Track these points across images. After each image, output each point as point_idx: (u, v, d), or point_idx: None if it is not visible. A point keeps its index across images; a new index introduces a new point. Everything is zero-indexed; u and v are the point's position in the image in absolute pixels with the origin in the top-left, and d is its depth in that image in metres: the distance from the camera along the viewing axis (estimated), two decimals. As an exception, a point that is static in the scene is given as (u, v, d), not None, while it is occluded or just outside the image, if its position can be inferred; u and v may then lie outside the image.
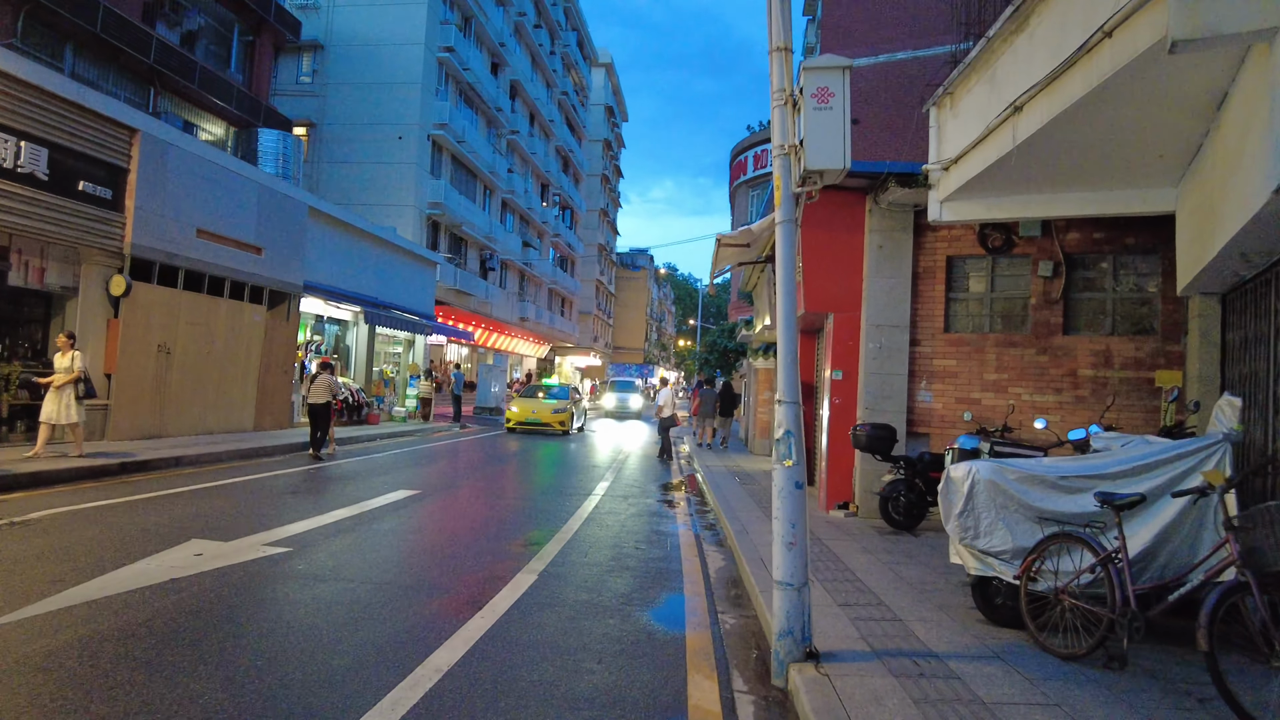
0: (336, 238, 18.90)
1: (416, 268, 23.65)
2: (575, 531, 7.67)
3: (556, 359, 62.88)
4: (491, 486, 10.79)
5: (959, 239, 8.61)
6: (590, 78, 60.99)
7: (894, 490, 7.80)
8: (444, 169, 31.82)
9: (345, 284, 19.11)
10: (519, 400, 22.05)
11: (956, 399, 8.49)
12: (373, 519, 7.76)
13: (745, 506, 9.21)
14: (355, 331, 20.51)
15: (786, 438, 4.14)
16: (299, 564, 5.81)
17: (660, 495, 10.82)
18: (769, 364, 16.65)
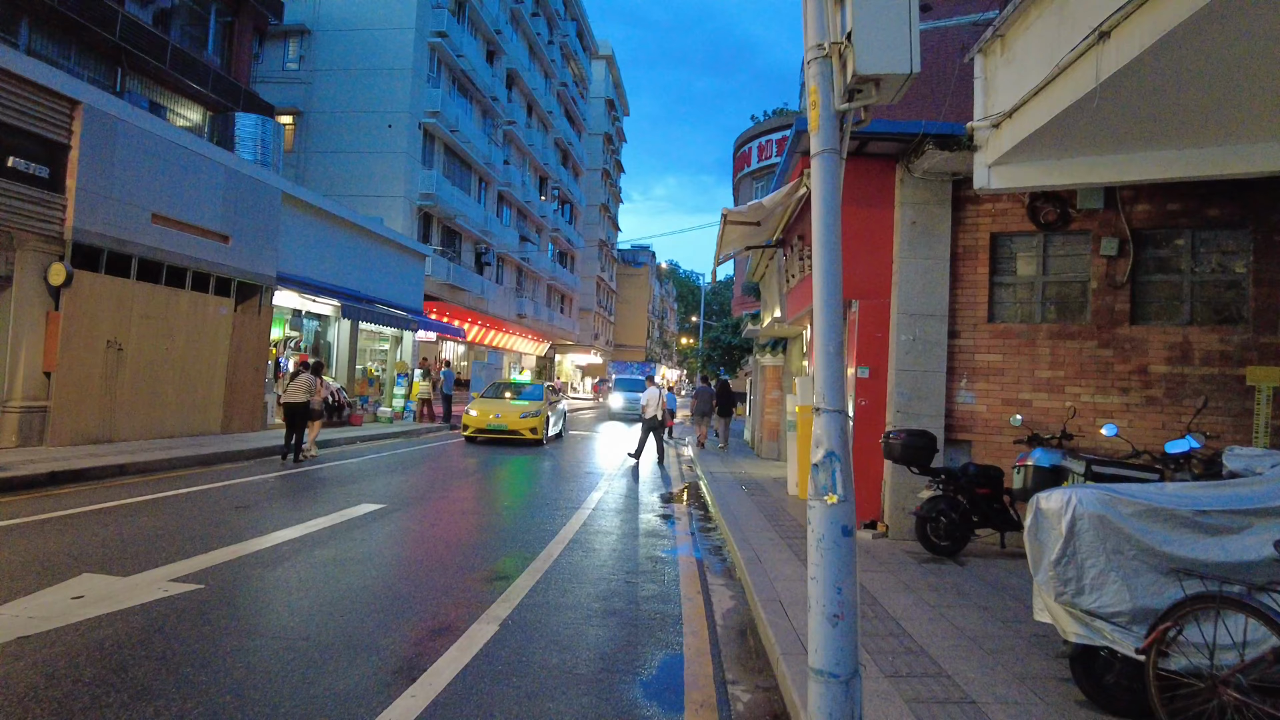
0: (315, 227, 17.71)
1: (404, 260, 22.46)
2: (556, 558, 6.46)
3: (557, 357, 61.71)
4: (470, 498, 9.60)
5: (1005, 213, 7.39)
6: (590, 70, 59.73)
7: (934, 509, 6.59)
8: (436, 159, 30.62)
9: (324, 276, 17.93)
10: (479, 402, 17.96)
11: (1003, 400, 7.27)
12: (319, 543, 6.57)
13: (755, 524, 8.00)
14: (337, 327, 19.33)
15: (829, 462, 2.96)
16: (202, 610, 4.62)
17: (659, 509, 9.62)
18: (777, 361, 15.44)
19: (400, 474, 11.30)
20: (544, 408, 17.28)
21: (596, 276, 62.36)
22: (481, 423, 16.79)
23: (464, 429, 17.07)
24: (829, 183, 3.10)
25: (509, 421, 16.66)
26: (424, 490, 9.86)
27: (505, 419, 16.70)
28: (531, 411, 16.95)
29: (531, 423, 16.73)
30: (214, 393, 14.35)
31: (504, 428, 16.62)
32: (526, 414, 16.82)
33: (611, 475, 12.54)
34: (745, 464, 14.50)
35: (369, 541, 6.78)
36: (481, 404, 17.55)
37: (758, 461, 15.08)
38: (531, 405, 17.31)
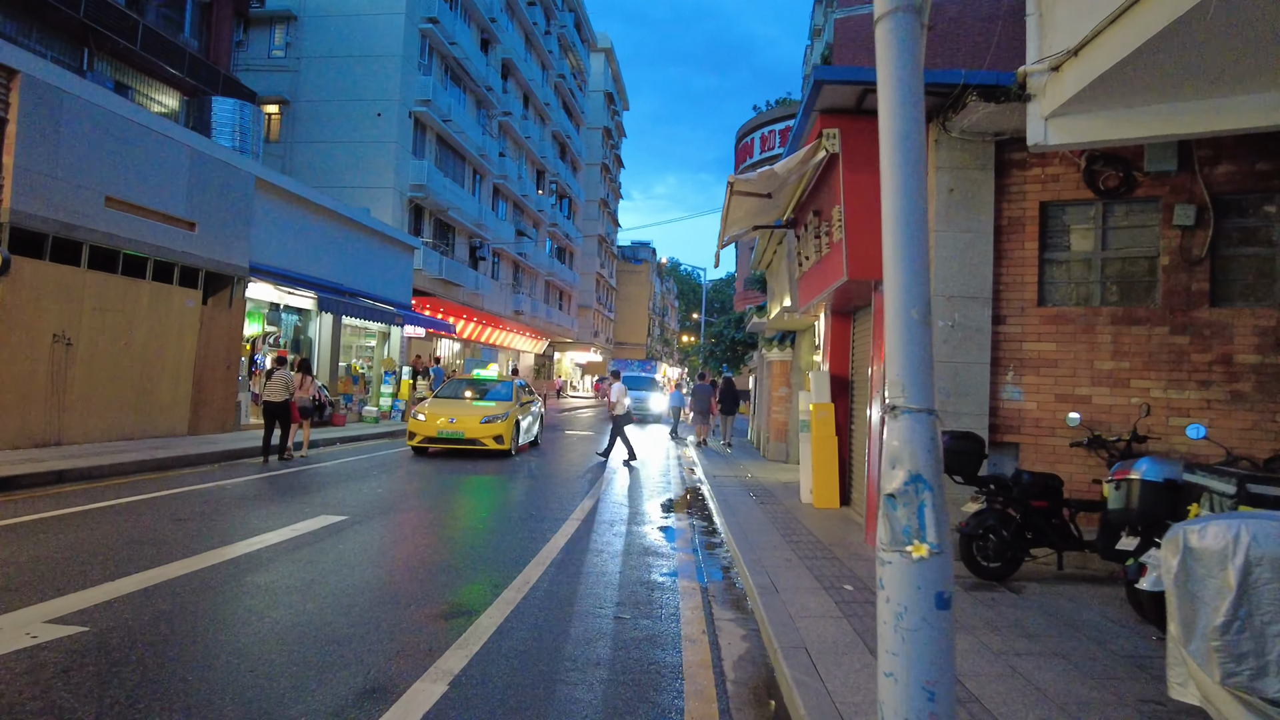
0: (293, 215, 16.69)
1: (392, 253, 21.44)
2: (532, 584, 5.44)
3: (556, 355, 60.71)
4: (444, 510, 8.57)
5: (1057, 179, 6.35)
6: (589, 62, 58.69)
7: (982, 525, 5.56)
8: (428, 149, 29.59)
9: (303, 267, 16.91)
10: (433, 403, 14.31)
11: (1056, 396, 6.24)
12: (256, 565, 5.55)
13: (767, 540, 6.97)
14: (318, 322, 18.31)
15: (914, 491, 1.96)
16: (69, 665, 3.60)
17: (657, 519, 8.59)
18: (784, 355, 14.41)
19: (373, 480, 10.28)
20: (513, 410, 14.09)
21: (596, 273, 61.33)
22: (431, 429, 13.26)
23: (409, 438, 13.61)
24: (905, 60, 2.04)
25: (467, 427, 13.23)
26: (395, 499, 8.83)
27: (462, 424, 13.27)
28: (496, 415, 13.59)
29: (495, 429, 13.34)
30: (180, 391, 13.33)
31: (460, 436, 13.22)
32: (490, 418, 13.45)
33: (606, 480, 11.52)
34: (751, 466, 13.47)
35: (316, 564, 5.76)
36: (435, 406, 14.02)
37: (764, 464, 14.05)
38: (497, 407, 14.04)
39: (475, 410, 13.84)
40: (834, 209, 6.98)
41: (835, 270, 7.09)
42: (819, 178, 7.77)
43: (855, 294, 7.78)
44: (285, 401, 11.58)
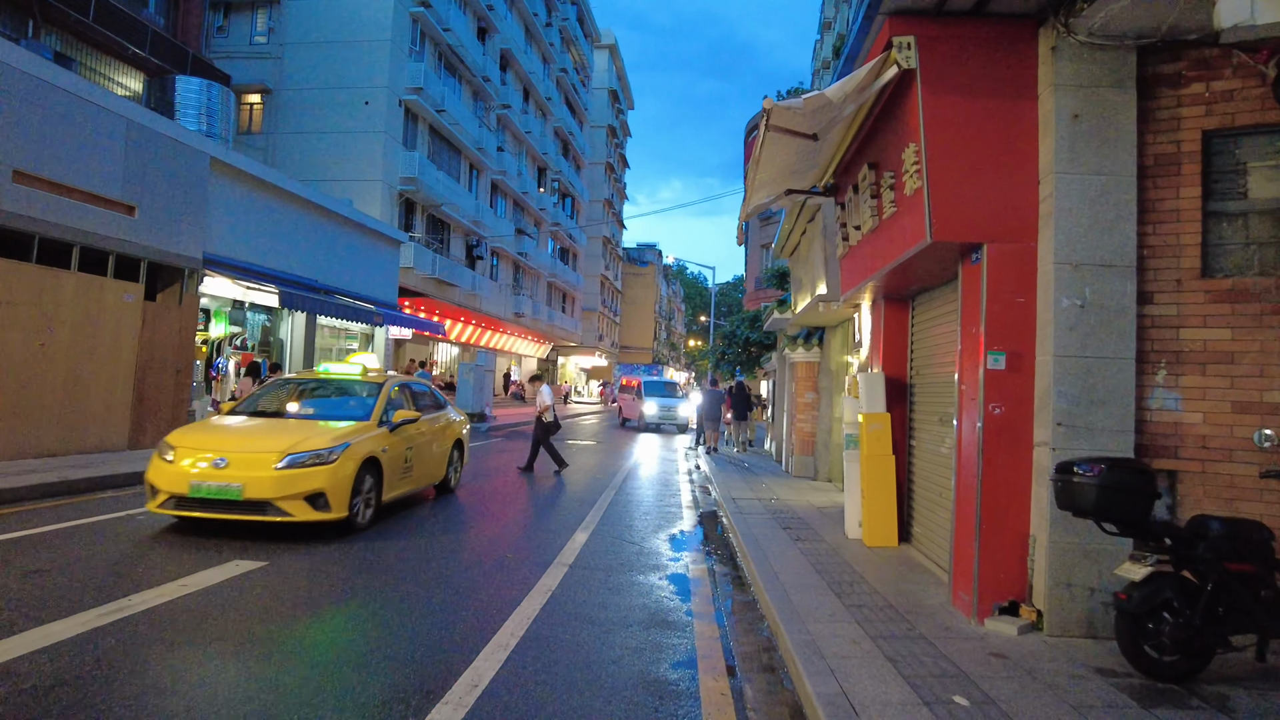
0: (259, 203, 14.96)
1: (375, 248, 19.70)
2: (482, 692, 3.62)
3: (560, 359, 58.96)
4: (396, 547, 6.77)
5: (1230, 96, 4.51)
6: (592, 58, 57.08)
7: (1155, 598, 3.72)
8: (420, 140, 27.90)
9: (270, 261, 15.17)
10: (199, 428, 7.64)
11: (1234, 404, 4.39)
12: (95, 650, 3.75)
13: (818, 604, 5.14)
14: (289, 323, 16.59)
15: None
16: None
17: (665, 564, 6.76)
18: (811, 355, 12.57)
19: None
20: (370, 439, 7.34)
21: (600, 275, 59.61)
22: (178, 483, 6.46)
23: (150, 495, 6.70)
24: None
25: (248, 479, 6.42)
26: (338, 533, 7.03)
27: (236, 473, 6.46)
28: (319, 452, 6.72)
29: (314, 481, 6.54)
30: (116, 400, 11.59)
31: (232, 496, 6.37)
32: (304, 458, 6.62)
33: (605, 502, 9.70)
34: (774, 485, 11.62)
35: (179, 648, 3.95)
36: (200, 435, 7.18)
37: (789, 481, 12.19)
38: (332, 435, 7.10)
39: (272, 443, 6.82)
40: (904, 151, 5.15)
41: (907, 234, 5.26)
42: (875, 120, 5.95)
43: (922, 271, 5.94)
44: None
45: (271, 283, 13.96)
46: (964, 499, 5.00)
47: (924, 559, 6.53)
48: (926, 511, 6.65)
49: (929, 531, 6.57)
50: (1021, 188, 4.75)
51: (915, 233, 5.03)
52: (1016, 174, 4.75)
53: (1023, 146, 4.75)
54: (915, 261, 5.45)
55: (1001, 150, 4.77)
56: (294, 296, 14.04)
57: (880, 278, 6.32)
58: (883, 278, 6.31)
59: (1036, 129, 4.74)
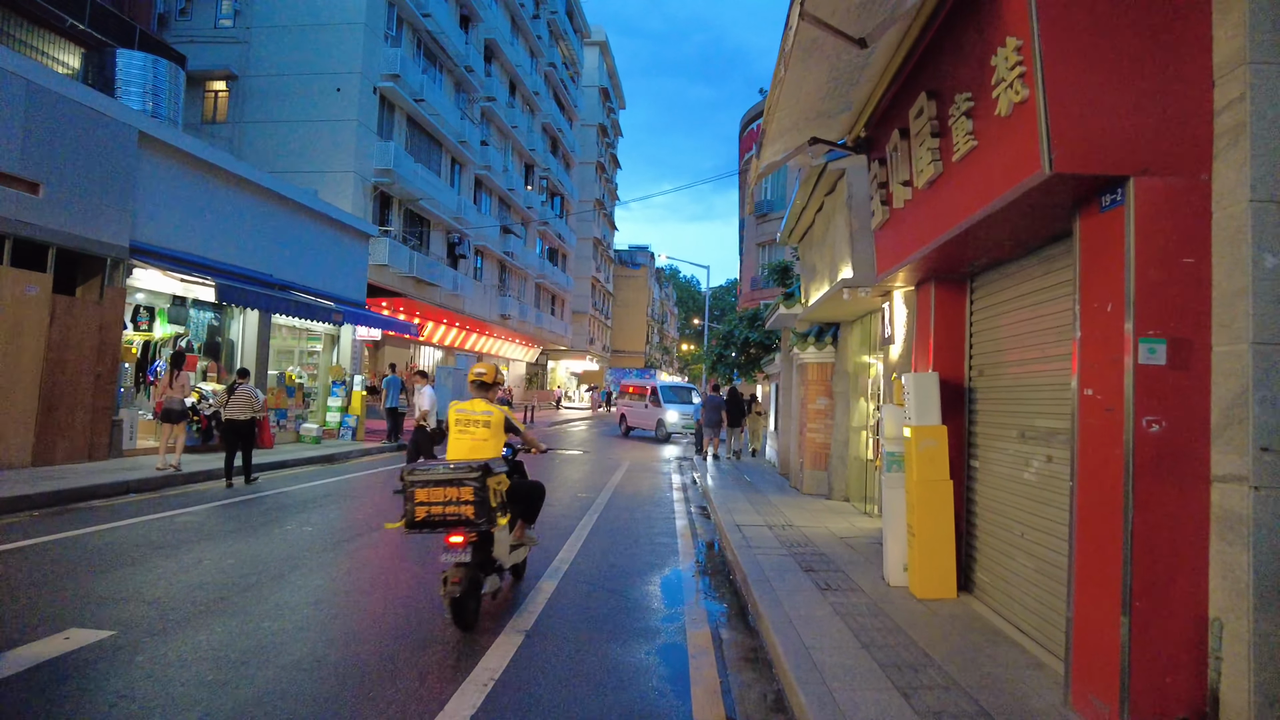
0: (202, 187, 13.31)
1: (342, 241, 18.06)
2: None
3: (550, 364, 57.31)
4: (298, 610, 5.16)
5: None
6: (582, 54, 55.59)
7: None
8: (397, 130, 26.29)
9: (216, 252, 13.52)
10: None
11: None
12: None
13: (876, 705, 3.55)
14: (241, 321, 14.93)
15: None
16: None
17: (658, 622, 5.17)
18: (823, 355, 11.00)
19: (236, 541, 6.86)
20: None
21: (591, 277, 58.00)
22: None
23: None
24: None
25: None
26: (229, 588, 5.41)
27: None
28: None
29: None
30: (17, 408, 9.93)
31: None
32: None
33: (586, 529, 8.09)
34: (783, 505, 10.03)
35: None
36: None
37: (799, 501, 10.61)
38: None
39: None
40: (993, 57, 3.59)
41: (997, 174, 3.69)
42: (934, 33, 4.39)
43: (1007, 232, 4.36)
44: (250, 420, 10.50)
45: (207, 274, 12.28)
46: (1092, 557, 3.42)
47: (995, 617, 4.95)
48: (998, 555, 5.07)
49: (1001, 581, 4.99)
50: (1185, 94, 3.18)
51: (1017, 167, 3.46)
52: (1177, 73, 3.19)
53: (1187, 30, 3.19)
54: (1005, 215, 3.88)
55: (1154, 37, 3.21)
56: (234, 290, 12.34)
57: (938, 247, 4.75)
58: (942, 247, 4.74)
59: (1208, 10, 3.18)
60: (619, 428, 26.52)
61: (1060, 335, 4.29)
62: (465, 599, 4.54)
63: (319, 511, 8.66)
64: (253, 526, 7.59)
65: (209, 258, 13.28)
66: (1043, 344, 4.52)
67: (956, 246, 4.70)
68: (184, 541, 6.77)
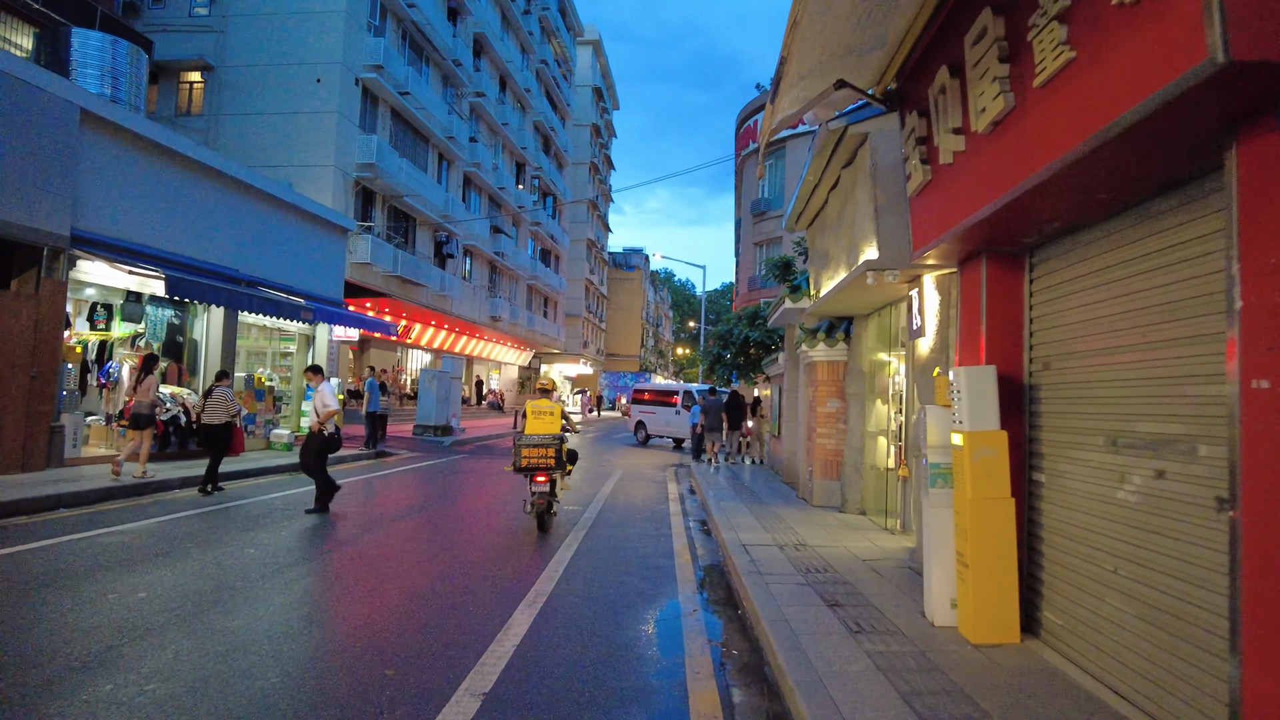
0: (159, 174, 12.27)
1: (317, 236, 17.02)
2: None
3: (542, 367, 56.28)
4: (206, 653, 4.12)
5: None
6: (575, 53, 54.69)
7: None
8: (381, 124, 25.27)
9: (174, 244, 12.48)
10: None
11: None
12: None
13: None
14: (205, 319, 13.87)
15: None
16: None
17: (652, 680, 4.16)
18: (834, 352, 10.01)
19: (158, 568, 5.82)
20: None
21: (585, 279, 57.01)
22: None
23: None
24: None
25: None
26: (126, 633, 4.37)
27: None
28: None
29: None
30: (-65, 414, 8.87)
31: None
32: None
33: (570, 551, 7.07)
34: (792, 520, 9.03)
35: None
36: None
37: (810, 515, 9.60)
38: None
39: None
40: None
41: (1126, 82, 2.69)
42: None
43: (1104, 176, 3.37)
44: (227, 424, 10.23)
45: (158, 266, 11.20)
46: (1274, 612, 2.42)
47: (1077, 672, 3.95)
48: (1077, 593, 4.08)
49: (1082, 626, 3.99)
50: None
51: (1154, 68, 2.47)
52: None
53: None
54: (1116, 149, 2.89)
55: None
56: (187, 284, 11.25)
57: (1004, 206, 3.75)
58: (1009, 206, 3.74)
59: None
60: (635, 436, 24.71)
61: (1171, 314, 3.31)
62: (544, 514, 7.91)
63: (269, 530, 7.62)
64: (184, 549, 6.55)
65: (166, 250, 12.24)
66: (1141, 326, 3.53)
67: (1028, 205, 3.71)
68: (96, 568, 5.73)
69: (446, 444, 19.91)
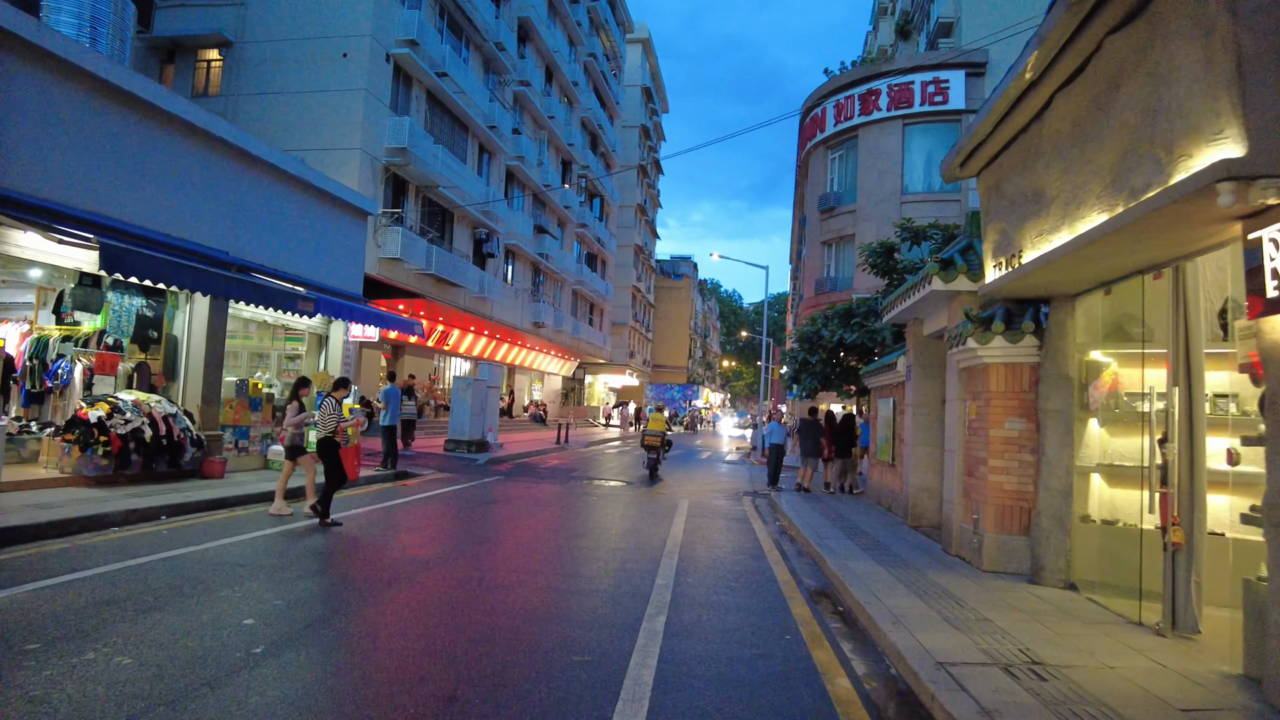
0: (120, 129, 9.86)
1: (331, 218, 14.55)
2: None
3: (587, 378, 53.68)
4: None
5: None
6: (624, 50, 52.39)
7: None
8: (415, 106, 22.97)
9: (137, 216, 10.03)
10: None
11: None
12: None
13: None
14: (188, 312, 11.43)
15: None
16: None
17: None
18: (1019, 351, 6.94)
19: (52, 664, 3.14)
20: None
21: (632, 286, 54.39)
22: None
23: None
24: None
25: None
26: None
27: None
28: None
29: None
30: None
31: None
32: None
33: (641, 674, 4.21)
34: (971, 597, 5.99)
35: None
36: None
37: (982, 583, 6.55)
38: None
39: None
40: None
41: None
42: None
43: None
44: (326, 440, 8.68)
45: (91, 232, 8.62)
46: None
47: None
48: None
49: None
50: None
51: None
52: None
53: None
54: None
55: None
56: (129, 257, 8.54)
57: None
58: None
59: None
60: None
61: None
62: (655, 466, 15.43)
63: (182, 610, 4.90)
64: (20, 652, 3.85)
65: (129, 223, 9.78)
66: None
67: None
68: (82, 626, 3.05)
69: (481, 462, 17.26)
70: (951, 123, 27.15)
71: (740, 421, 73.54)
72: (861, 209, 28.20)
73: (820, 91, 30.68)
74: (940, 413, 9.88)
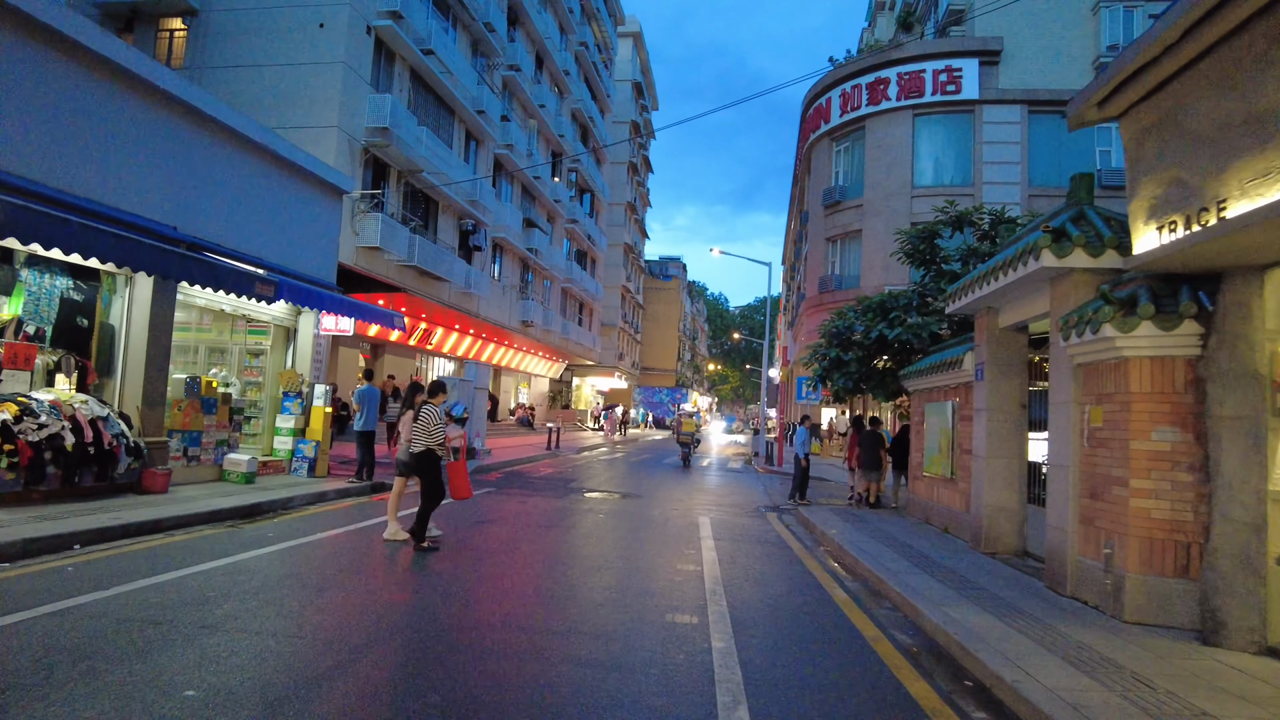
0: (32, 67, 8.15)
1: (304, 197, 12.84)
2: None
3: (575, 380, 51.95)
4: None
5: None
6: (616, 42, 50.83)
7: None
8: (397, 84, 21.25)
9: (63, 180, 8.32)
10: None
11: None
12: None
13: None
14: (127, 297, 9.70)
15: None
16: None
17: None
18: (1169, 341, 5.44)
19: None
20: None
21: (621, 286, 52.81)
22: None
23: None
24: None
25: None
26: None
27: None
28: None
29: None
30: None
31: None
32: None
33: None
34: (1148, 671, 4.47)
35: None
36: None
37: (1147, 646, 5.05)
38: None
39: None
40: None
41: None
42: None
43: None
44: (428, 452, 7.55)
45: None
46: None
47: None
48: None
49: None
50: None
51: None
52: None
53: None
54: None
55: None
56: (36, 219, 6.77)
57: None
58: None
59: None
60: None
61: None
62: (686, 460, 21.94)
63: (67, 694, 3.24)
64: None
65: (38, 182, 8.05)
66: None
67: None
68: None
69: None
70: (964, 113, 25.83)
71: (729, 427, 71.93)
72: (869, 203, 26.81)
73: (824, 82, 29.27)
74: (1020, 418, 8.38)
